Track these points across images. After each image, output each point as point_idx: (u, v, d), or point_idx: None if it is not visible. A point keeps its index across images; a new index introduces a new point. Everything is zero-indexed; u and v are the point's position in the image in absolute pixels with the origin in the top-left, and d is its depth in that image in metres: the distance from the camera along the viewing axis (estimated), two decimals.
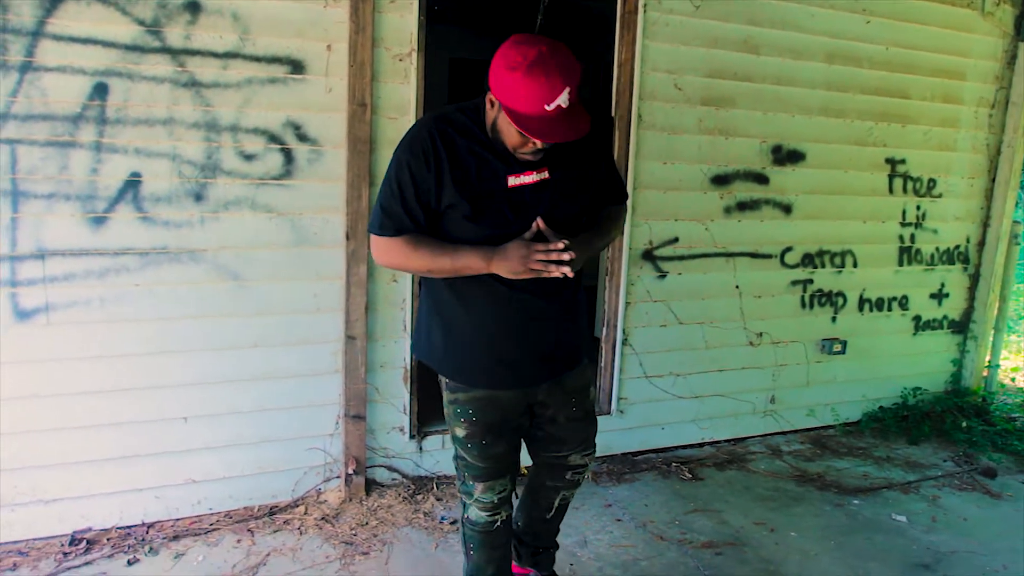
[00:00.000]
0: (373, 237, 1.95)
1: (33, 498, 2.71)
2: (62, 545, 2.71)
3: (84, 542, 2.74)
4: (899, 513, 3.33)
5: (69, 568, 2.61)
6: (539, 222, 1.87)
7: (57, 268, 2.61)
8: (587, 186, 1.99)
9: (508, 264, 1.84)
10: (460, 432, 2.10)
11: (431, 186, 1.84)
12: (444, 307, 2.02)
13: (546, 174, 1.89)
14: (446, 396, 2.11)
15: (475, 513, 2.20)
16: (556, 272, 1.82)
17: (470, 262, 1.86)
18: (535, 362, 2.05)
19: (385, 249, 1.93)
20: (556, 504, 2.40)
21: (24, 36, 2.45)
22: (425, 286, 2.10)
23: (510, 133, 1.77)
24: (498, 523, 2.21)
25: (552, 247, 1.81)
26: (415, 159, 1.84)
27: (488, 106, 1.82)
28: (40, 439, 2.68)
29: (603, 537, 3.00)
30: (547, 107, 1.66)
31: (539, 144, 1.76)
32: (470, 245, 1.87)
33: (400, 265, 1.96)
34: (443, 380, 2.10)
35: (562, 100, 1.67)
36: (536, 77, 1.64)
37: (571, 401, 2.19)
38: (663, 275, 3.69)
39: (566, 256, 1.81)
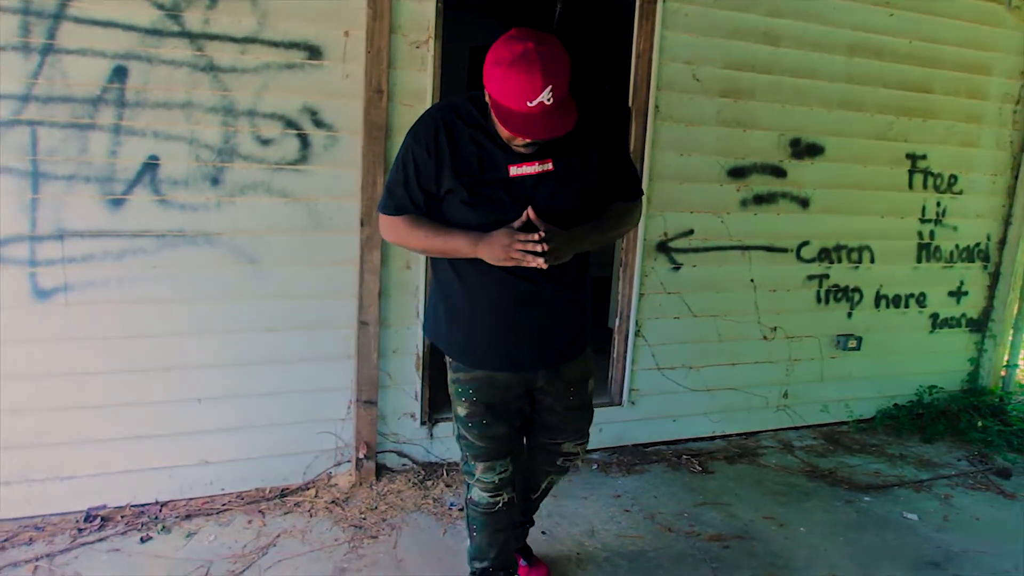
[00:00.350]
0: (379, 215, 2.06)
1: (49, 475, 2.75)
2: (77, 521, 2.76)
3: (99, 519, 2.79)
4: (910, 511, 3.30)
5: (83, 544, 2.65)
6: (529, 211, 1.89)
7: (76, 249, 2.64)
8: (592, 180, 1.99)
9: (491, 251, 1.87)
10: (461, 411, 2.15)
11: (432, 171, 1.91)
12: (448, 288, 2.08)
13: (549, 165, 1.91)
14: (450, 375, 2.17)
15: (477, 493, 2.25)
16: (532, 263, 1.84)
17: (458, 245, 1.92)
18: (532, 348, 2.08)
19: (388, 226, 2.03)
20: (543, 486, 2.48)
21: (46, 18, 2.48)
22: (433, 268, 2.15)
23: (500, 126, 1.81)
24: (500, 504, 2.25)
25: (529, 238, 1.83)
26: (419, 145, 1.92)
27: (487, 97, 1.84)
28: (57, 417, 2.73)
29: (611, 527, 3.01)
30: (529, 104, 1.70)
31: (527, 138, 1.79)
32: (464, 229, 1.92)
33: (400, 242, 2.06)
34: (447, 359, 2.17)
35: (544, 97, 1.69)
36: (518, 74, 1.67)
37: (569, 391, 2.23)
38: (677, 267, 3.68)
39: (538, 248, 1.82)
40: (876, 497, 3.43)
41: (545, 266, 1.84)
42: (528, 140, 1.81)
